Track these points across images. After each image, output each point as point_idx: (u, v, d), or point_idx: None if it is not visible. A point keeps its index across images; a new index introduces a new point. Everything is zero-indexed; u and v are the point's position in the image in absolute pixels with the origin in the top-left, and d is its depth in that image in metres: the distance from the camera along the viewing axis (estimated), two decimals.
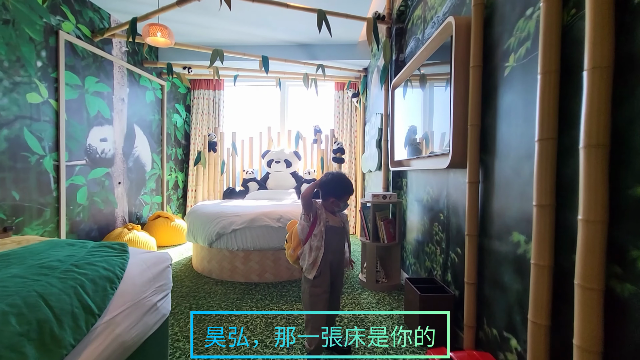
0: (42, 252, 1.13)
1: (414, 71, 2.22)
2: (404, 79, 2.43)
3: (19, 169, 2.32)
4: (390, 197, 2.37)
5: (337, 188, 1.49)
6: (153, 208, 3.91)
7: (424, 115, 2.07)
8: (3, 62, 2.20)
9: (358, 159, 4.38)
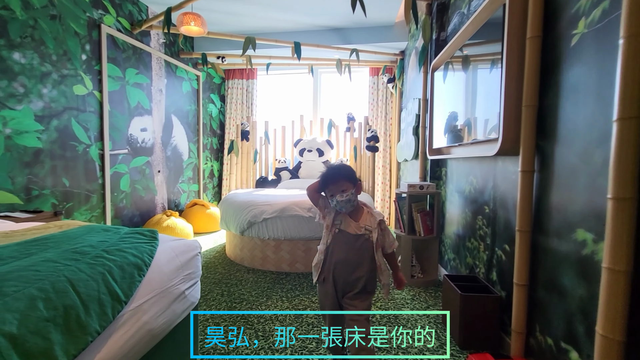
0: (78, 237, 1.16)
1: (456, 52, 2.02)
2: (444, 60, 2.23)
3: (68, 158, 2.47)
4: (428, 188, 2.21)
5: (321, 180, 1.18)
6: (190, 196, 4.05)
7: (466, 100, 1.88)
8: (52, 55, 2.32)
9: (393, 147, 4.20)
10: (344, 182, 1.14)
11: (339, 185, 1.14)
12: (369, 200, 2.92)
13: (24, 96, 2.16)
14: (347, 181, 1.14)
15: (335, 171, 1.17)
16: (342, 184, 1.14)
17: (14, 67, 2.09)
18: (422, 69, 2.71)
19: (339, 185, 1.14)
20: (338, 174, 1.16)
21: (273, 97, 4.90)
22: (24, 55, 2.15)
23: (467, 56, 1.87)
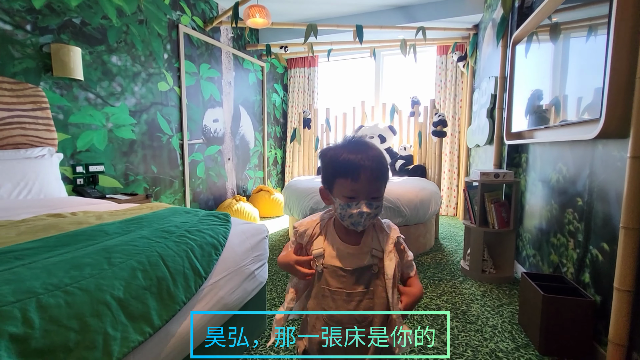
0: (165, 217, 1.31)
1: (543, 20, 1.74)
2: (529, 30, 1.95)
3: (155, 147, 2.80)
4: (505, 176, 2.00)
5: (326, 167, 0.75)
6: (256, 182, 4.30)
7: (554, 76, 1.62)
8: (140, 57, 2.62)
9: (462, 132, 3.88)
10: (379, 184, 0.70)
11: (372, 186, 0.69)
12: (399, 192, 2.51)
13: (121, 94, 2.48)
14: (383, 182, 0.71)
15: (371, 161, 0.68)
16: (377, 185, 0.70)
17: (112, 69, 2.41)
18: (500, 43, 2.42)
19: (372, 187, 0.69)
20: (376, 169, 0.68)
21: (334, 83, 4.87)
22: (120, 58, 2.46)
23: (557, 24, 1.60)
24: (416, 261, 2.39)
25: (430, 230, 2.71)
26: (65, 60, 2.05)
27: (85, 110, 2.24)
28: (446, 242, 2.88)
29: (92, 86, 2.28)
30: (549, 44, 1.69)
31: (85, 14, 2.22)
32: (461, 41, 3.77)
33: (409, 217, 2.39)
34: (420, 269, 2.24)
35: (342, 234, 0.77)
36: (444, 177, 4.07)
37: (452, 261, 2.40)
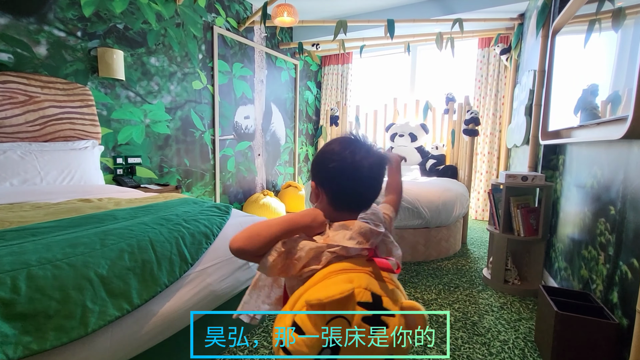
0: (172, 206, 1.41)
1: (582, 6, 1.54)
2: (568, 18, 1.74)
3: (188, 142, 3.00)
4: (534, 180, 1.82)
5: (315, 162, 0.71)
6: (286, 178, 4.40)
7: (618, 69, 1.42)
8: (177, 58, 2.82)
9: (503, 131, 3.59)
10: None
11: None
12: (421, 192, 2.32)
13: (158, 92, 2.70)
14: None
15: (331, 153, 0.67)
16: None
17: (151, 70, 2.63)
18: (540, 33, 2.20)
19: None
20: (333, 158, 0.66)
21: (368, 80, 4.80)
22: (158, 59, 2.67)
23: (620, 10, 1.41)
24: (435, 266, 2.29)
25: (455, 235, 2.56)
26: (109, 62, 2.28)
27: (125, 107, 2.48)
28: (474, 248, 2.70)
29: (132, 85, 2.51)
30: (610, 31, 1.50)
31: (128, 19, 2.44)
32: (505, 32, 3.48)
33: (429, 219, 2.29)
34: (438, 275, 2.13)
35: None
36: (480, 179, 3.81)
37: (475, 269, 2.25)
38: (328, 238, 0.61)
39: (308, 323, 0.50)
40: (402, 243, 2.35)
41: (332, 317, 0.49)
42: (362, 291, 0.52)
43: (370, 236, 0.62)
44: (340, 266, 0.57)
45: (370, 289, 0.53)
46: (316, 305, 0.49)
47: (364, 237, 0.61)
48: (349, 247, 0.59)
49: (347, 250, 0.59)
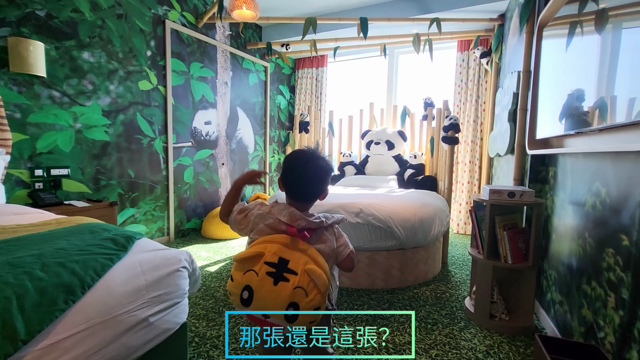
0: (54, 239, 1.04)
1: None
2: (558, 7, 1.50)
3: (134, 150, 2.61)
4: (522, 196, 1.54)
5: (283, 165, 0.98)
6: (255, 189, 4.04)
7: (600, 71, 1.16)
8: (118, 53, 2.45)
9: (485, 139, 3.37)
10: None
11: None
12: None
13: (93, 93, 2.31)
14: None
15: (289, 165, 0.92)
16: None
17: (83, 66, 2.25)
18: (524, 29, 1.96)
19: None
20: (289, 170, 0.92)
21: (343, 84, 4.53)
22: (93, 54, 2.29)
23: (603, 10, 1.16)
24: (411, 294, 1.98)
25: (434, 255, 2.27)
26: (24, 55, 1.90)
27: (48, 109, 2.09)
28: (455, 270, 2.41)
29: (57, 83, 2.12)
30: (594, 35, 1.24)
31: (52, 6, 2.07)
32: (485, 34, 3.28)
33: (404, 240, 1.98)
34: (414, 306, 1.82)
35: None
36: (462, 190, 3.57)
37: (457, 297, 1.95)
38: (273, 209, 0.85)
39: (235, 273, 0.77)
40: (374, 267, 2.03)
41: (246, 270, 0.75)
42: (271, 255, 0.75)
43: (297, 219, 0.82)
44: (263, 239, 0.80)
45: (279, 255, 0.75)
46: (236, 261, 0.76)
47: (292, 217, 0.82)
48: (280, 220, 0.82)
49: (278, 222, 0.83)
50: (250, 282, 0.74)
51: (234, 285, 0.76)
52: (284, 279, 0.72)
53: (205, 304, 1.78)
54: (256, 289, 0.73)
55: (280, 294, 0.72)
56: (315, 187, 0.88)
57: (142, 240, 1.14)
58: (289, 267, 0.73)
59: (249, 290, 0.74)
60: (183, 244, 2.89)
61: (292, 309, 0.72)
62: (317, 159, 0.87)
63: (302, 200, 0.87)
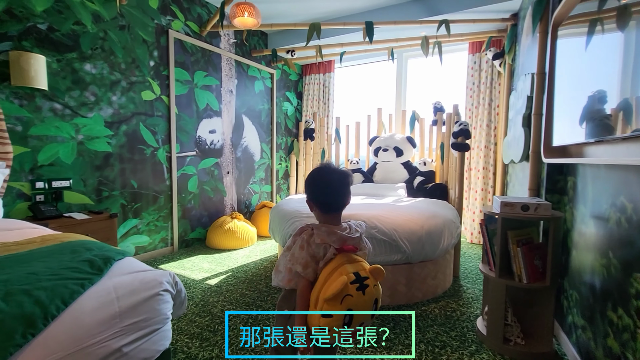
0: (30, 261, 0.99)
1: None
2: (570, 8, 1.38)
3: (137, 160, 2.60)
4: (537, 209, 1.41)
5: (307, 185, 1.04)
6: (262, 197, 3.99)
7: (624, 72, 1.04)
8: (120, 64, 2.45)
9: (499, 144, 3.21)
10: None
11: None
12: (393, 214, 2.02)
13: (95, 104, 2.32)
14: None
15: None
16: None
17: (85, 78, 2.26)
18: (538, 28, 1.84)
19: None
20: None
21: (351, 90, 4.45)
22: (95, 65, 2.30)
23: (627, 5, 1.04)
24: (419, 311, 1.86)
25: (444, 269, 2.14)
26: (26, 68, 1.90)
27: (49, 121, 2.09)
28: (468, 284, 2.27)
29: (59, 96, 2.13)
30: (616, 32, 1.12)
31: (54, 19, 2.08)
32: (497, 35, 3.14)
33: (411, 254, 1.87)
34: (421, 326, 1.70)
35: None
36: (475, 198, 3.41)
37: (468, 316, 1.81)
38: (322, 238, 0.90)
39: (330, 307, 0.81)
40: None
41: (343, 297, 0.81)
42: (349, 274, 0.83)
43: (345, 240, 0.91)
44: (331, 267, 0.87)
45: (351, 271, 0.84)
46: (328, 299, 0.80)
47: (341, 241, 0.90)
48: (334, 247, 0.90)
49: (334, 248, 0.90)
50: (350, 304, 0.81)
51: (335, 319, 0.81)
52: (366, 286, 0.85)
53: (200, 322, 1.71)
54: (355, 306, 0.82)
55: (369, 298, 0.86)
56: (348, 194, 0.97)
57: (124, 260, 1.09)
58: (362, 276, 0.85)
59: (349, 315, 0.82)
60: (186, 254, 2.86)
61: (374, 305, 0.89)
62: (338, 169, 0.98)
63: (337, 211, 0.96)
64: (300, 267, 0.88)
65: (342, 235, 0.90)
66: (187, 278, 2.31)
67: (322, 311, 0.82)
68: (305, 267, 0.88)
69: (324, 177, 0.95)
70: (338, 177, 0.95)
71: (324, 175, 0.95)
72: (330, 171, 0.96)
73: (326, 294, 0.79)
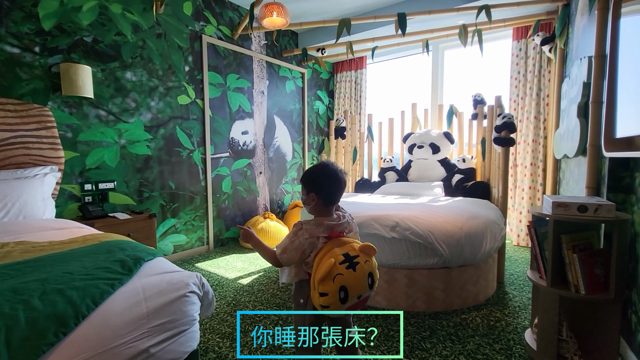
0: (68, 260, 1.04)
1: None
2: None
3: (174, 162, 2.71)
4: (598, 211, 1.23)
5: (310, 180, 1.10)
6: (294, 197, 4.00)
7: None
8: (158, 71, 2.57)
9: (549, 137, 2.92)
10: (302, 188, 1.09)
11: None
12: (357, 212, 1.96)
13: (135, 110, 2.44)
14: (302, 186, 1.08)
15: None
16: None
17: (126, 85, 2.39)
18: (594, 6, 1.62)
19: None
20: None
21: (384, 86, 4.32)
22: (135, 73, 2.43)
23: None
24: (458, 320, 1.73)
25: (487, 275, 1.97)
26: (74, 78, 2.05)
27: (95, 127, 2.24)
28: (514, 291, 2.08)
29: (103, 103, 2.27)
30: None
31: (98, 31, 2.22)
32: (546, 18, 2.86)
33: (448, 258, 1.74)
34: (460, 336, 1.58)
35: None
36: (522, 197, 3.14)
37: (515, 327, 1.65)
38: (310, 231, 0.98)
39: (325, 287, 0.90)
40: (413, 287, 1.82)
41: (334, 276, 0.90)
42: (338, 256, 0.92)
43: (333, 228, 0.99)
44: (323, 252, 0.95)
45: (340, 253, 0.93)
46: (321, 280, 0.90)
47: (330, 230, 0.99)
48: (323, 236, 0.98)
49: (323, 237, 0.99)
50: (342, 282, 0.90)
51: (331, 295, 0.90)
52: (356, 264, 0.93)
53: (232, 322, 1.72)
54: (347, 282, 0.91)
55: (361, 274, 0.94)
56: (343, 191, 1.06)
57: (154, 261, 1.11)
58: (351, 255, 0.93)
59: (343, 289, 0.90)
60: (221, 253, 2.93)
61: (369, 279, 0.96)
62: (340, 168, 1.06)
63: (335, 203, 1.05)
64: (279, 251, 0.99)
65: (329, 224, 0.99)
66: (220, 277, 2.36)
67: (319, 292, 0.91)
68: (283, 251, 0.98)
69: (334, 175, 1.02)
70: (342, 175, 1.04)
71: (334, 173, 1.02)
72: (336, 169, 1.04)
73: (318, 276, 0.90)
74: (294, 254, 0.97)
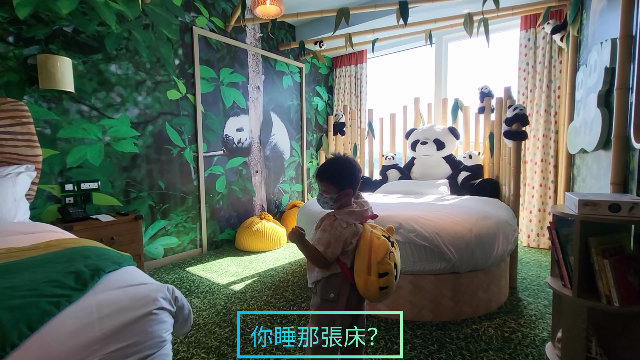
0: (20, 271, 0.90)
1: None
2: None
3: (163, 161, 2.56)
4: (634, 210, 1.07)
5: (335, 174, 1.13)
6: (293, 196, 3.84)
7: None
8: (145, 64, 2.42)
9: (561, 131, 2.75)
10: (320, 183, 1.08)
11: (319, 184, 1.09)
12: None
13: (121, 105, 2.30)
14: (321, 181, 1.07)
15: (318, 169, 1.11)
16: (320, 184, 1.08)
17: (111, 79, 2.24)
18: None
19: (319, 185, 1.09)
20: (316, 174, 1.10)
21: (385, 81, 4.16)
22: (120, 66, 2.28)
23: None
24: (468, 331, 1.57)
25: (499, 280, 1.81)
26: (53, 71, 1.91)
27: (77, 123, 2.09)
28: (529, 298, 1.92)
29: (85, 98, 2.13)
30: None
31: (79, 21, 2.08)
32: (557, 4, 2.69)
33: (457, 262, 1.58)
34: (470, 351, 1.42)
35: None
36: (532, 195, 2.97)
37: (533, 338, 1.49)
38: (348, 220, 1.00)
39: (386, 265, 0.94)
40: (418, 294, 1.66)
41: (388, 254, 0.95)
42: (381, 237, 0.97)
43: (363, 214, 1.04)
44: (365, 238, 0.99)
45: (380, 234, 0.99)
46: (382, 259, 0.93)
47: (362, 214, 1.04)
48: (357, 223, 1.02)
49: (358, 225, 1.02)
50: (393, 259, 0.97)
51: (390, 273, 0.94)
52: (392, 242, 1.00)
53: (220, 333, 1.57)
54: (396, 260, 0.98)
55: (399, 251, 1.03)
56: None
57: (120, 271, 0.96)
58: (386, 235, 1.00)
59: (395, 267, 0.97)
60: (215, 256, 2.78)
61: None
62: (348, 156, 1.10)
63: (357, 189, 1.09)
64: (322, 247, 0.96)
65: (360, 211, 1.04)
66: (212, 282, 2.21)
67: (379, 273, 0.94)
68: (327, 246, 0.96)
69: (356, 165, 1.06)
70: (358, 164, 1.08)
71: (355, 163, 1.07)
72: (352, 159, 1.08)
73: (378, 257, 0.93)
74: (337, 246, 0.96)
